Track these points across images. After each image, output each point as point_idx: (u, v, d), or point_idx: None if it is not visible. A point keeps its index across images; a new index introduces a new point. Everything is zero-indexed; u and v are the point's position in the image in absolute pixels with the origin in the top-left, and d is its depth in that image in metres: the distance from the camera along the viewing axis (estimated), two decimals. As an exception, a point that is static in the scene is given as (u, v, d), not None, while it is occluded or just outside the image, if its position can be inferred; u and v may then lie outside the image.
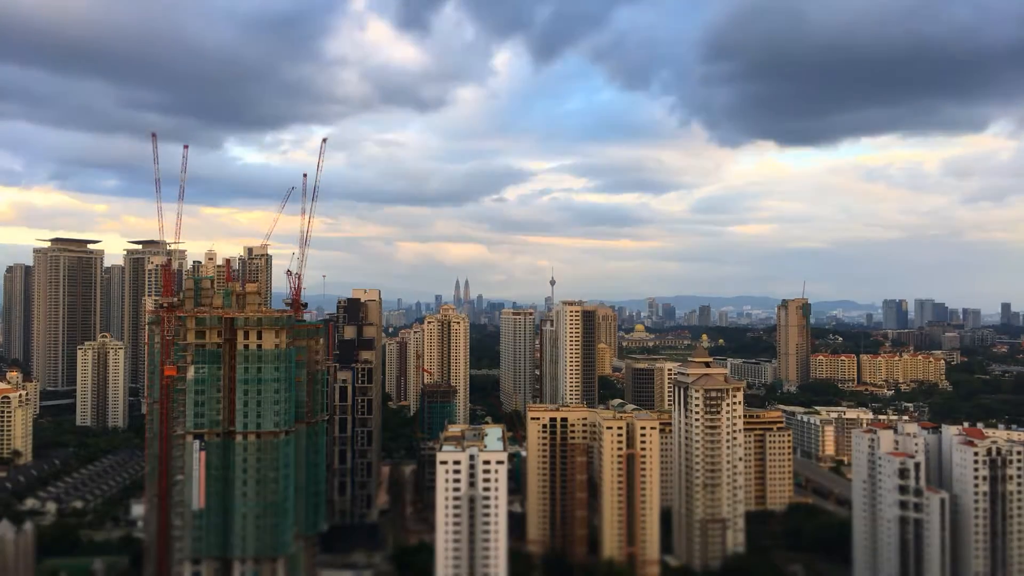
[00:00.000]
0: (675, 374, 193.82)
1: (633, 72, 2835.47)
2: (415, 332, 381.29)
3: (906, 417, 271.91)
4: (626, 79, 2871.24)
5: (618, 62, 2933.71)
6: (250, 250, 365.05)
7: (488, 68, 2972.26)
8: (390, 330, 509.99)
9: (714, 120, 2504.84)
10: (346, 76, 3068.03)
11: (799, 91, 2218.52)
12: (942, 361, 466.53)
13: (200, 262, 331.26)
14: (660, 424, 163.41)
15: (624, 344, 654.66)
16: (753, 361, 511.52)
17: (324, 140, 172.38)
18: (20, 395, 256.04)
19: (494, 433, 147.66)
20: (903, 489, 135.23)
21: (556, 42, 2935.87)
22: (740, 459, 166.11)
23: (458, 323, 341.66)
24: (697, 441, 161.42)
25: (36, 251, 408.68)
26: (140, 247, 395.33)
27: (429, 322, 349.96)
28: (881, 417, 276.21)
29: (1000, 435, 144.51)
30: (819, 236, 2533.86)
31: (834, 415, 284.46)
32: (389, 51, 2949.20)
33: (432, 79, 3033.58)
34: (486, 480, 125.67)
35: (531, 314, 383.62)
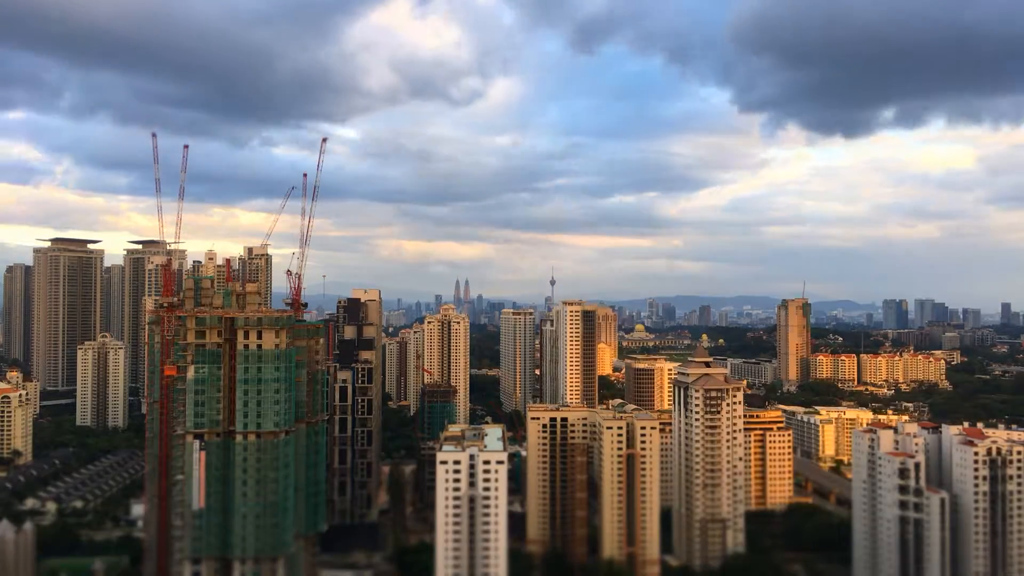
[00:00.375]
0: (675, 374, 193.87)
1: (673, 61, 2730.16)
2: (415, 332, 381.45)
3: (906, 417, 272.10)
4: (665, 69, 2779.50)
5: (657, 52, 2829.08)
6: (250, 250, 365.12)
7: (524, 58, 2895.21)
8: (390, 330, 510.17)
9: (749, 113, 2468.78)
10: (376, 68, 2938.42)
11: (835, 82, 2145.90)
12: (942, 361, 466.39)
13: (200, 262, 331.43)
14: (660, 424, 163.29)
15: (624, 344, 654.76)
16: (753, 361, 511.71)
17: (324, 140, 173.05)
18: (20, 395, 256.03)
19: (494, 433, 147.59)
20: (903, 489, 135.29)
21: (594, 33, 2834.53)
22: (740, 459, 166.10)
23: (458, 323, 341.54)
24: (697, 441, 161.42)
25: (36, 251, 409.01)
26: (140, 247, 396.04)
27: (429, 322, 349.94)
28: (881, 417, 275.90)
29: (1000, 435, 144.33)
30: (843, 235, 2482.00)
31: (834, 415, 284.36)
32: (422, 41, 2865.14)
33: (466, 71, 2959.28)
34: (486, 480, 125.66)
35: (531, 314, 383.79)
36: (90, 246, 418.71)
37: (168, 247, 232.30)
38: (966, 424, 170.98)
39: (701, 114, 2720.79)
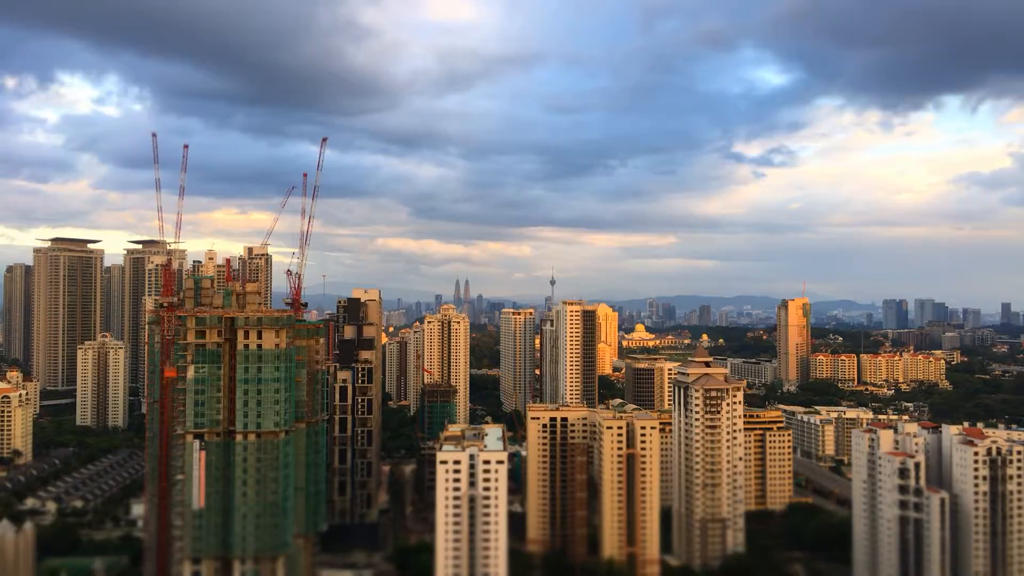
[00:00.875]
0: (675, 374, 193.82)
1: (723, 46, 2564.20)
2: (415, 332, 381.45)
3: (906, 417, 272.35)
4: (715, 54, 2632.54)
5: (708, 36, 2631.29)
6: (250, 250, 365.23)
7: (568, 45, 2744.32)
8: (390, 330, 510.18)
9: (787, 106, 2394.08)
10: (410, 56, 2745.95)
11: (868, 73, 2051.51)
12: (942, 361, 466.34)
13: (200, 262, 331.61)
14: (660, 424, 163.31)
15: (624, 344, 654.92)
16: (753, 361, 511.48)
17: (324, 140, 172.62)
18: (20, 395, 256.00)
19: (494, 433, 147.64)
20: (903, 489, 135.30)
21: (647, 17, 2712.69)
22: (740, 459, 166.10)
23: (458, 323, 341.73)
24: (697, 441, 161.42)
25: (36, 251, 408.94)
26: (140, 246, 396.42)
27: (429, 322, 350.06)
28: (881, 417, 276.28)
29: (1000, 435, 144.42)
30: (848, 235, 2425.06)
31: (834, 415, 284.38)
32: (461, 27, 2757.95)
33: (508, 59, 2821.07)
34: (486, 480, 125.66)
35: (531, 314, 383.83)
36: (90, 246, 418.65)
37: (168, 247, 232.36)
38: (966, 424, 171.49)
39: (739, 107, 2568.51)
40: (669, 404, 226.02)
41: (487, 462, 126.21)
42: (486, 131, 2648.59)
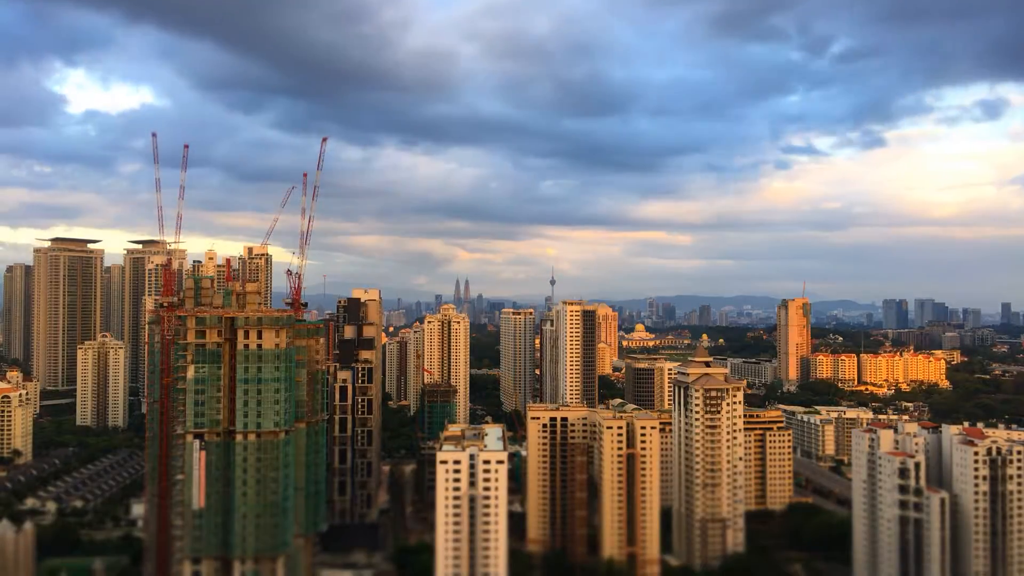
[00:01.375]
0: (675, 374, 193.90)
1: (770, 35, 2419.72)
2: (415, 332, 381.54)
3: (906, 417, 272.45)
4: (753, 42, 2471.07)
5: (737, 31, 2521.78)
6: (250, 250, 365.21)
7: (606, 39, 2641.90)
8: (390, 330, 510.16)
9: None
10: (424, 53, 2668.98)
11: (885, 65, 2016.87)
12: (942, 361, 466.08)
13: (200, 261, 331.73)
14: (660, 424, 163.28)
15: (624, 344, 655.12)
16: (753, 361, 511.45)
17: (324, 140, 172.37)
18: (20, 394, 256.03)
19: (494, 433, 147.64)
20: (903, 489, 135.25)
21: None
22: (740, 459, 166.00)
23: (458, 323, 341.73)
24: (697, 441, 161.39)
25: (36, 251, 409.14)
26: (140, 246, 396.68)
27: (429, 322, 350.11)
28: (881, 417, 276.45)
29: (1000, 435, 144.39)
30: (857, 235, 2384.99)
31: (834, 415, 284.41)
32: (499, 7, 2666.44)
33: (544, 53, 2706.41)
34: (486, 480, 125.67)
35: (531, 314, 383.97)
36: (90, 246, 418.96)
37: (168, 247, 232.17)
38: (966, 424, 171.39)
39: (788, 102, 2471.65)
40: (669, 404, 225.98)
41: (487, 462, 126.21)
42: (509, 126, 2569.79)
